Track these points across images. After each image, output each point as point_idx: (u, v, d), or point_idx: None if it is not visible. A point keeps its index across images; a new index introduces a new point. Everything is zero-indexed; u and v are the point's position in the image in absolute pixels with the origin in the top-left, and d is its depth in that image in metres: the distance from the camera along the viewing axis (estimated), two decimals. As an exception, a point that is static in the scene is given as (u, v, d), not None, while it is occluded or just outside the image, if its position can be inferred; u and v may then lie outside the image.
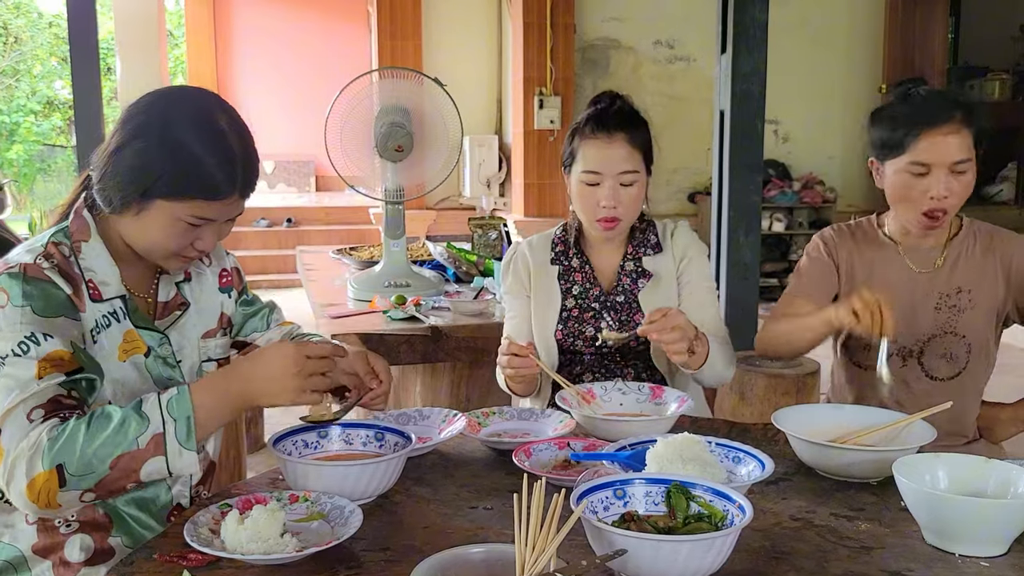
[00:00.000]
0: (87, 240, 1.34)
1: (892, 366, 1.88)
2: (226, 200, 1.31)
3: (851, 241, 1.94)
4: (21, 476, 1.14)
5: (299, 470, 1.30)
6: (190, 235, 1.32)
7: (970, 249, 1.86)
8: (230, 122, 1.31)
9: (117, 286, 1.36)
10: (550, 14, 7.28)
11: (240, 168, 1.30)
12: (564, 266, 1.97)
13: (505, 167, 8.15)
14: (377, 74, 2.94)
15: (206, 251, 1.36)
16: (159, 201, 1.28)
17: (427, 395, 2.89)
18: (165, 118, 1.28)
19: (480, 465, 1.50)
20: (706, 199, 7.07)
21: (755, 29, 3.86)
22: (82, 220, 1.36)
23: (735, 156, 3.94)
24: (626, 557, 1.01)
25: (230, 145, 1.30)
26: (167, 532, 1.22)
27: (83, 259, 1.33)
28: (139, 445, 1.16)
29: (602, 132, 1.82)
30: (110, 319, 1.35)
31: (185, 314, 1.47)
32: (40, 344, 1.21)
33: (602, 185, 1.82)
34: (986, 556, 1.14)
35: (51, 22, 14.08)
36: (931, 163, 1.73)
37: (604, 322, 1.91)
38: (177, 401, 1.20)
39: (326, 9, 11.71)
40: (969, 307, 1.84)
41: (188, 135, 1.27)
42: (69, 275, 1.30)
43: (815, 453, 1.41)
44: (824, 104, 8.09)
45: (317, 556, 1.12)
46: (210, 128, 1.29)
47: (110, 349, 1.34)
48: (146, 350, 1.39)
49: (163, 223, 1.30)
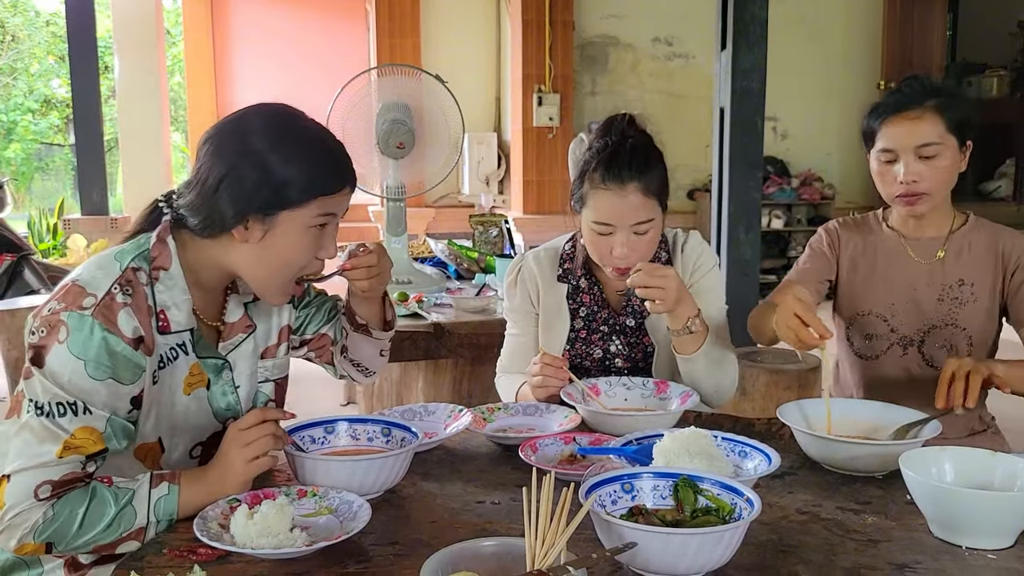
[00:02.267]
0: (168, 268, 1.31)
1: (892, 355, 1.90)
2: (342, 192, 1.34)
3: (856, 233, 1.98)
4: (13, 540, 1.18)
5: (307, 465, 1.30)
6: (317, 244, 1.34)
7: (972, 243, 1.88)
8: (312, 122, 1.36)
9: (188, 318, 1.33)
10: (549, 11, 7.27)
11: (341, 158, 1.35)
12: (572, 286, 1.91)
13: (504, 164, 8.15)
14: (378, 71, 2.94)
15: (330, 258, 1.37)
16: (283, 213, 1.28)
17: (429, 391, 2.89)
18: (255, 135, 1.29)
19: (486, 460, 1.50)
20: (705, 196, 7.08)
21: (755, 26, 3.86)
22: (165, 246, 1.32)
23: (735, 153, 3.95)
24: (636, 550, 1.02)
25: (325, 140, 1.35)
26: (177, 527, 1.23)
27: (159, 289, 1.30)
28: (121, 537, 1.22)
29: (613, 182, 1.69)
30: (177, 351, 1.33)
31: (250, 338, 1.45)
32: (77, 415, 1.19)
33: (615, 235, 1.72)
34: (993, 548, 1.14)
35: (48, 20, 14.05)
36: (895, 148, 1.80)
37: (614, 345, 1.88)
38: (165, 503, 1.23)
39: (324, 7, 11.68)
40: (971, 300, 1.86)
41: (286, 143, 1.29)
42: (141, 310, 1.26)
43: (821, 447, 1.42)
44: (822, 101, 8.10)
45: (326, 550, 1.12)
46: (302, 129, 1.33)
47: (175, 383, 1.34)
48: (207, 382, 1.38)
49: (294, 235, 1.30)
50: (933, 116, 1.77)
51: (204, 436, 1.40)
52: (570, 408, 1.65)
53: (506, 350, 2.00)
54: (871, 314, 1.93)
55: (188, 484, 1.25)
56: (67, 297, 1.22)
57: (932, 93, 1.79)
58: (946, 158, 1.79)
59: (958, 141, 1.80)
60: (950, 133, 1.78)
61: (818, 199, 7.55)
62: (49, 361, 1.19)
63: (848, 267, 1.96)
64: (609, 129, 1.77)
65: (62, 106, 13.67)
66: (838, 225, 2.01)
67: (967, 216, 1.92)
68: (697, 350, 1.72)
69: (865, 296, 1.94)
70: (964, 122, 1.80)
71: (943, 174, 1.80)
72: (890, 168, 1.82)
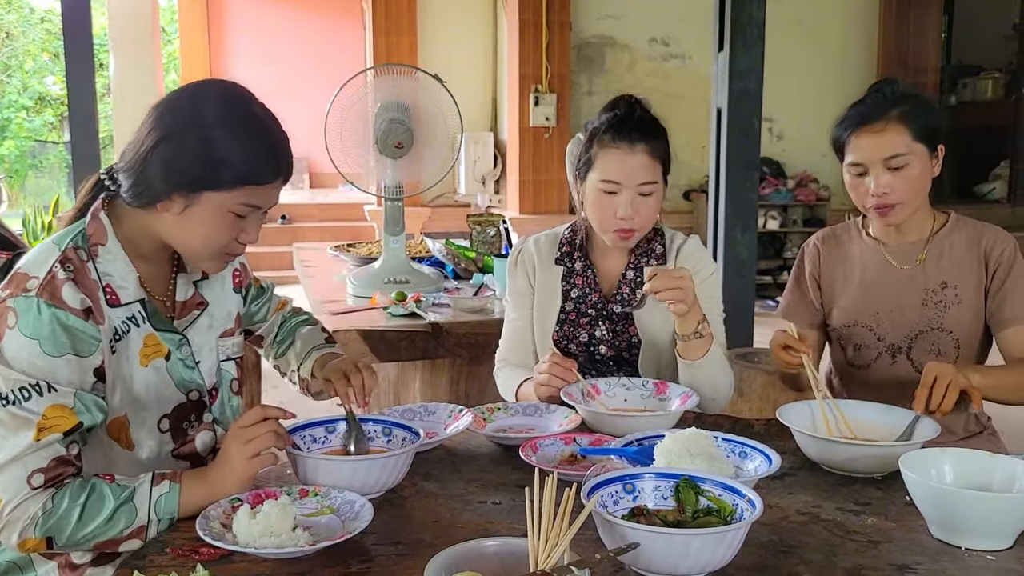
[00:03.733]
0: (104, 243, 1.32)
1: (882, 364, 1.90)
2: (272, 184, 1.32)
3: (836, 247, 1.99)
4: (14, 534, 1.19)
5: (309, 465, 1.30)
6: (237, 227, 1.32)
7: (953, 244, 1.87)
8: (261, 107, 1.33)
9: (136, 289, 1.34)
10: (546, 11, 7.28)
11: (281, 151, 1.32)
12: (568, 268, 1.95)
13: (500, 164, 8.15)
14: (375, 71, 2.94)
15: (251, 243, 1.36)
16: (207, 193, 1.27)
17: (426, 391, 2.89)
18: (201, 109, 1.28)
19: (486, 460, 1.50)
20: (701, 196, 7.09)
21: (752, 27, 3.87)
22: (99, 222, 1.33)
23: (732, 154, 3.95)
24: (638, 550, 1.02)
25: (268, 129, 1.32)
26: (179, 527, 1.23)
27: (100, 263, 1.31)
28: (123, 534, 1.22)
29: (623, 141, 1.78)
30: (129, 324, 1.33)
31: (204, 313, 1.46)
32: (43, 395, 1.20)
33: (620, 195, 1.78)
34: (992, 549, 1.15)
35: (43, 17, 14.01)
36: (863, 162, 1.81)
37: (599, 330, 1.90)
38: (166, 500, 1.23)
39: (320, 6, 11.68)
40: (956, 302, 1.85)
41: (229, 123, 1.28)
42: (86, 284, 1.27)
43: (820, 448, 1.42)
44: (818, 102, 8.10)
45: (328, 550, 1.12)
46: (248, 114, 1.31)
47: (131, 355, 1.34)
48: (167, 352, 1.38)
49: (212, 216, 1.29)
50: (898, 126, 1.76)
51: (169, 408, 1.39)
52: (570, 408, 1.66)
53: (504, 337, 2.03)
54: (857, 324, 1.93)
55: (189, 482, 1.25)
56: (10, 284, 1.24)
57: (895, 102, 1.78)
58: (915, 167, 1.77)
59: (927, 148, 1.78)
60: (917, 141, 1.76)
61: (814, 200, 7.57)
62: (4, 349, 1.20)
63: (831, 282, 1.97)
64: (618, 103, 1.86)
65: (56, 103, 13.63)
66: (818, 242, 2.02)
67: (948, 216, 1.90)
68: (703, 356, 1.73)
69: (850, 308, 1.94)
70: (931, 128, 1.78)
71: (914, 183, 1.78)
72: (862, 180, 1.82)
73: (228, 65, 11.80)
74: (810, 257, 2.01)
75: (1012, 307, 1.81)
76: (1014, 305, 1.81)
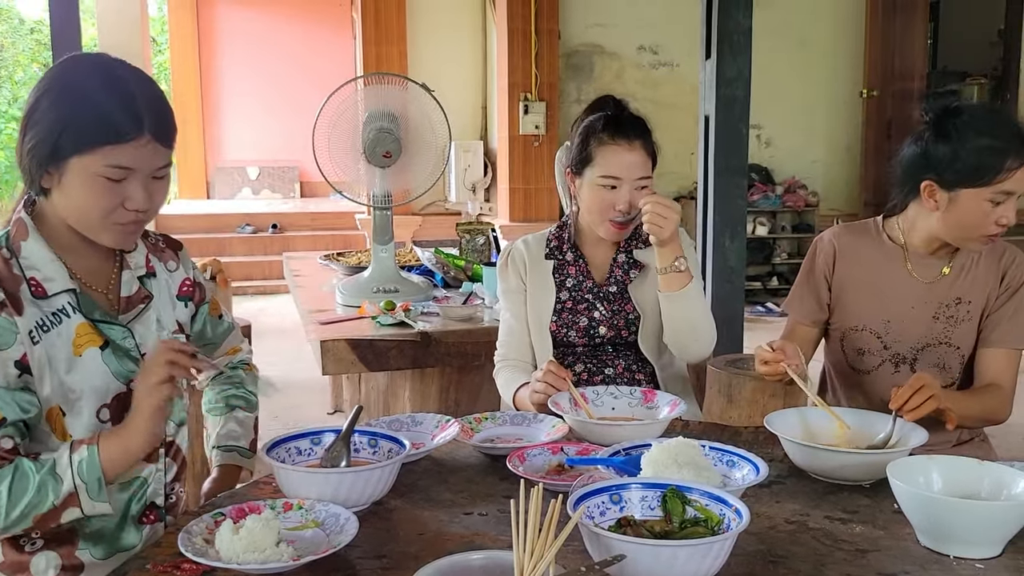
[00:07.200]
0: (25, 239, 1.34)
1: (884, 372, 1.89)
2: (136, 142, 1.27)
3: (851, 246, 1.93)
4: None
5: (293, 477, 1.29)
6: (116, 193, 1.29)
7: (976, 260, 1.85)
8: (129, 69, 1.33)
9: (64, 280, 1.35)
10: (534, 20, 7.30)
11: (143, 106, 1.28)
12: (559, 260, 2.04)
13: (490, 172, 8.15)
14: (364, 80, 2.94)
15: (140, 209, 1.32)
16: (72, 160, 1.27)
17: (416, 400, 2.88)
18: (60, 78, 1.30)
19: (474, 471, 1.49)
20: (690, 203, 7.09)
21: (739, 34, 3.87)
22: (20, 221, 1.35)
23: (720, 161, 3.95)
24: (625, 562, 1.01)
25: (128, 86, 1.29)
26: (160, 542, 1.21)
27: (24, 259, 1.33)
28: (56, 505, 1.25)
29: (622, 138, 1.90)
30: (60, 316, 1.33)
31: (149, 307, 1.46)
32: None
33: (619, 190, 1.90)
34: (980, 558, 1.14)
35: (32, 28, 13.96)
36: (1015, 191, 1.70)
37: (597, 311, 1.98)
38: (88, 464, 1.25)
39: (310, 16, 11.68)
40: (967, 318, 1.83)
41: (84, 84, 1.28)
42: (7, 280, 1.29)
43: (808, 456, 1.42)
44: (806, 109, 8.15)
45: (313, 565, 1.11)
46: (106, 73, 1.30)
47: (62, 345, 1.33)
48: (102, 343, 1.37)
49: (83, 183, 1.28)
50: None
51: (108, 397, 1.37)
52: (558, 418, 1.65)
53: (502, 336, 2.09)
54: (864, 329, 1.89)
55: (106, 441, 1.28)
56: None
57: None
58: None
59: None
60: None
61: (802, 206, 7.60)
62: None
63: (843, 280, 1.92)
64: (605, 103, 1.99)
65: (46, 114, 13.54)
66: (834, 239, 1.95)
67: None
68: (682, 288, 1.86)
69: (859, 311, 1.90)
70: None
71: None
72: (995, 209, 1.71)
73: (218, 75, 11.78)
74: (823, 253, 1.96)
75: (1004, 330, 1.81)
76: (1007, 328, 1.81)
